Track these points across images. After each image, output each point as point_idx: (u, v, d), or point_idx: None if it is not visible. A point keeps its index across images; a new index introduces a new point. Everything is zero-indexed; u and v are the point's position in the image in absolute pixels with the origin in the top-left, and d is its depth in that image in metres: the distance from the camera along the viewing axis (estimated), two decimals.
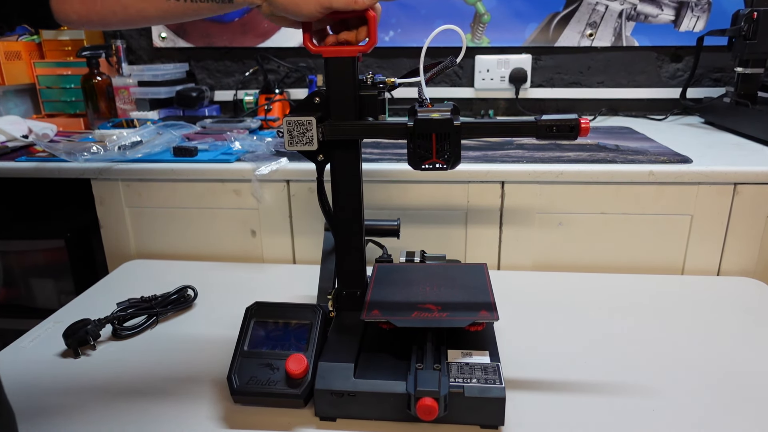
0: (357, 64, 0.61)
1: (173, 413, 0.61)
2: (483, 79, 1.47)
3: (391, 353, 0.62)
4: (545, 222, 0.98)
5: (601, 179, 0.95)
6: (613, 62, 1.46)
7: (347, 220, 0.67)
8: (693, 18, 1.40)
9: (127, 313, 0.79)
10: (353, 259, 0.68)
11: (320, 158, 0.64)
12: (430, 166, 0.59)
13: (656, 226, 0.97)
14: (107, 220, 1.08)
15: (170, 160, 1.04)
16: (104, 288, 0.93)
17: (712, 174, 0.93)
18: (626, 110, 1.50)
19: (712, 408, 0.60)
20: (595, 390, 0.63)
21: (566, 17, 1.43)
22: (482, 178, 0.96)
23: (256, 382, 0.59)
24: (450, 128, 0.57)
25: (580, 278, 0.93)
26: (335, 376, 0.58)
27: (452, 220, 1.00)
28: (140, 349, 0.74)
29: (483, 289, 0.68)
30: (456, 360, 0.60)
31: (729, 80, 1.44)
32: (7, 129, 1.18)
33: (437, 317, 0.61)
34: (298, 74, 1.53)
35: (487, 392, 0.56)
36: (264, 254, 1.06)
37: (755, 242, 0.96)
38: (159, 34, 1.54)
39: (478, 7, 1.44)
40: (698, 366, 0.67)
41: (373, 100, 0.62)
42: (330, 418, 0.59)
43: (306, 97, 0.63)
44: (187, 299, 0.85)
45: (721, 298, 0.85)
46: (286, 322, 0.65)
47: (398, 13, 1.45)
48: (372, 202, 0.99)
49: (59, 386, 0.66)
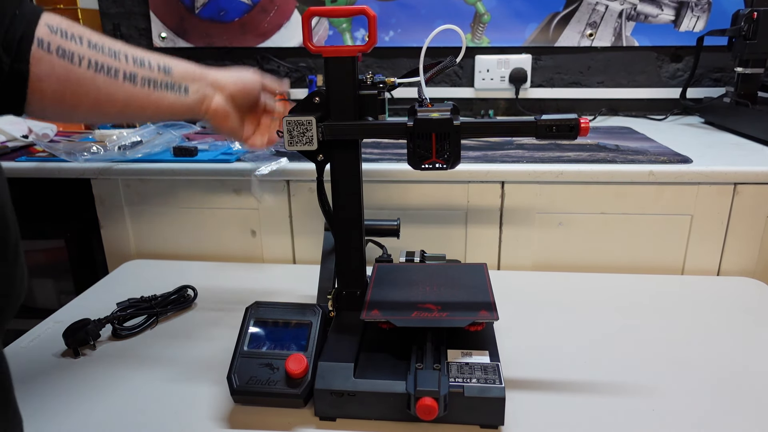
0: (357, 64, 0.61)
1: (173, 413, 0.61)
2: (483, 79, 1.47)
3: (391, 353, 0.62)
4: (545, 222, 0.98)
5: (601, 179, 0.95)
6: (613, 62, 1.46)
7: (347, 219, 0.67)
8: (693, 18, 1.40)
9: (127, 313, 0.79)
10: (353, 259, 0.68)
11: (320, 158, 0.64)
12: (429, 166, 0.59)
13: (656, 226, 0.97)
14: (107, 220, 1.08)
15: (170, 160, 1.04)
16: (104, 288, 0.93)
17: (712, 174, 0.93)
18: (626, 110, 1.50)
19: (712, 408, 0.60)
20: (595, 390, 0.63)
21: (566, 17, 1.43)
22: (482, 178, 0.96)
23: (255, 382, 0.59)
24: (450, 128, 0.57)
25: (580, 278, 0.93)
26: (335, 376, 0.58)
27: (452, 220, 1.00)
28: (140, 349, 0.74)
29: (483, 289, 0.68)
30: (456, 360, 0.60)
31: (729, 80, 1.44)
32: (7, 129, 1.18)
33: (437, 317, 0.61)
34: (298, 74, 1.53)
35: (487, 392, 0.56)
36: (264, 254, 1.06)
37: (755, 242, 0.96)
38: (159, 34, 1.54)
39: (478, 7, 1.44)
40: (698, 366, 0.67)
41: (373, 99, 0.62)
42: (330, 417, 0.59)
43: (305, 96, 0.63)
44: (187, 299, 0.85)
45: (721, 298, 0.85)
46: (285, 321, 0.65)
47: (398, 13, 1.45)
48: (372, 202, 0.99)
49: (59, 386, 0.66)
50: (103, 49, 0.57)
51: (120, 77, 0.57)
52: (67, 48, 0.54)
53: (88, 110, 0.57)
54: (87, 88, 0.55)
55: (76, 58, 0.54)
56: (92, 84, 0.56)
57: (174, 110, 0.62)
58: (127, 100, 0.58)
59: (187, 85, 0.61)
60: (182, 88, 0.61)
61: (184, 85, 0.61)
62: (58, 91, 0.54)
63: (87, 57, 0.55)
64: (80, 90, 0.55)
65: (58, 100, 0.54)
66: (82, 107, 0.57)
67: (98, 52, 0.56)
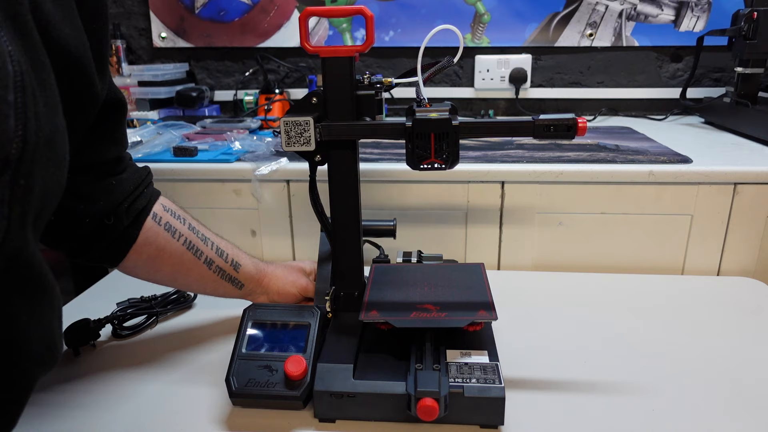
0: (354, 64, 0.61)
1: (172, 414, 0.61)
2: (483, 79, 1.47)
3: (390, 354, 0.62)
4: (545, 222, 0.98)
5: (601, 179, 0.95)
6: (613, 62, 1.46)
7: (345, 220, 0.67)
8: (693, 18, 1.40)
9: (127, 313, 0.79)
10: (351, 260, 0.68)
11: (318, 158, 0.64)
12: (428, 166, 0.59)
13: (656, 226, 0.96)
14: None
15: (170, 160, 1.04)
16: (104, 288, 0.93)
17: (712, 174, 0.92)
18: (626, 110, 1.50)
19: (712, 408, 0.60)
20: (595, 390, 0.63)
21: (566, 17, 1.43)
22: (482, 178, 0.96)
23: (254, 384, 0.59)
24: (448, 128, 0.57)
25: (580, 278, 0.93)
26: (334, 378, 0.58)
27: (452, 220, 1.00)
28: (140, 349, 0.74)
29: (481, 289, 0.68)
30: (455, 360, 0.60)
31: (729, 80, 1.44)
32: None
33: (436, 317, 0.61)
34: (298, 74, 1.53)
35: (487, 392, 0.56)
36: (264, 254, 1.05)
37: (755, 242, 0.95)
38: (159, 34, 1.54)
39: (478, 7, 1.43)
40: (698, 366, 0.67)
41: (370, 99, 0.62)
42: (329, 419, 0.59)
43: (303, 97, 0.63)
44: (187, 299, 0.85)
45: (721, 298, 0.85)
46: (283, 323, 0.65)
47: (398, 13, 1.45)
48: (371, 202, 0.99)
49: (59, 386, 0.66)
50: (198, 233, 0.69)
51: (202, 259, 0.69)
52: (172, 224, 0.67)
53: (167, 275, 0.69)
54: (175, 259, 0.67)
55: (176, 234, 0.67)
56: (180, 258, 0.67)
57: (227, 294, 0.74)
58: (198, 277, 0.70)
59: (244, 283, 0.74)
60: (240, 284, 0.73)
61: (243, 282, 0.73)
62: (153, 257, 0.66)
63: (185, 236, 0.67)
64: (170, 260, 0.67)
65: (150, 263, 0.66)
66: (163, 272, 0.68)
67: (194, 234, 0.69)
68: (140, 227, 0.64)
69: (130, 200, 0.63)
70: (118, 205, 0.62)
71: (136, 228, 0.63)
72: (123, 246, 0.63)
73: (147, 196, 0.65)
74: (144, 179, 0.66)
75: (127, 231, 0.63)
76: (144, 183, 0.66)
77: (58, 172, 0.40)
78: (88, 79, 0.49)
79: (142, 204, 0.64)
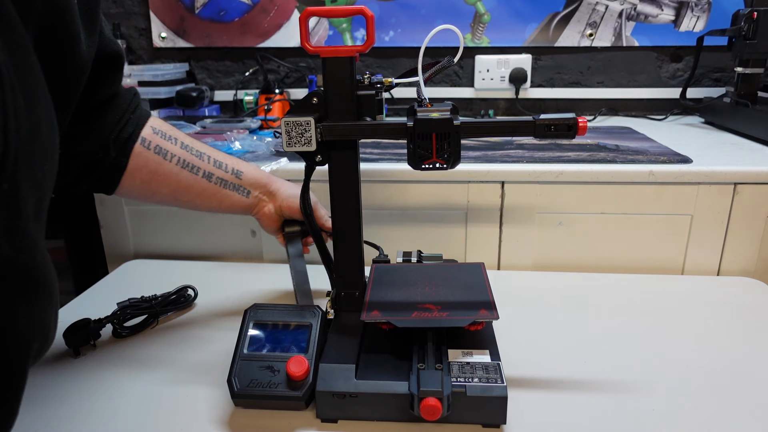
0: (354, 64, 0.61)
1: (173, 415, 0.60)
2: (483, 79, 1.47)
3: (392, 354, 0.62)
4: (545, 222, 0.98)
5: (601, 179, 0.95)
6: (613, 62, 1.46)
7: (346, 220, 0.67)
8: (693, 18, 1.40)
9: (127, 313, 0.79)
10: (352, 260, 0.68)
11: (318, 159, 0.64)
12: (430, 166, 0.59)
13: (656, 226, 0.96)
14: (107, 220, 1.08)
15: None
16: (104, 288, 0.93)
17: (712, 174, 0.93)
18: (626, 110, 1.50)
19: (712, 408, 0.60)
20: (595, 389, 0.63)
21: (566, 17, 1.43)
22: (482, 178, 0.96)
23: (256, 384, 0.59)
24: (450, 128, 0.57)
25: (580, 278, 0.93)
26: (336, 378, 0.58)
27: (452, 219, 1.00)
28: (140, 349, 0.74)
29: (482, 288, 0.68)
30: (456, 359, 0.60)
31: (729, 80, 1.44)
32: None
33: (437, 317, 0.61)
34: (298, 74, 1.53)
35: (489, 391, 0.56)
36: (264, 254, 1.05)
37: (755, 242, 0.96)
38: (159, 34, 1.54)
39: (478, 7, 1.44)
40: (698, 366, 0.67)
41: (371, 99, 0.62)
42: (332, 419, 0.59)
43: (303, 97, 0.62)
44: (187, 299, 0.85)
45: (721, 298, 0.85)
46: (285, 323, 0.64)
47: (398, 13, 1.45)
48: (371, 202, 0.99)
49: (59, 386, 0.66)
50: (192, 150, 0.68)
51: (200, 174, 0.68)
52: (163, 146, 0.66)
53: (166, 196, 0.69)
54: (171, 179, 0.67)
55: (168, 156, 0.66)
56: (175, 177, 0.67)
57: (234, 206, 0.74)
58: (199, 192, 0.69)
59: (250, 189, 0.74)
60: (245, 191, 0.73)
61: (248, 189, 0.73)
62: (146, 181, 0.66)
63: (177, 155, 0.67)
64: (165, 181, 0.67)
65: (144, 187, 0.66)
66: (161, 193, 0.68)
67: (187, 152, 0.68)
68: (128, 155, 0.63)
69: (117, 130, 0.62)
70: (106, 137, 0.61)
71: (124, 157, 0.63)
72: (114, 176, 0.64)
73: (134, 122, 0.65)
74: (130, 103, 0.65)
75: (116, 161, 0.62)
76: (130, 108, 0.65)
77: (47, 161, 0.38)
78: (70, 40, 0.46)
79: (129, 132, 0.63)
